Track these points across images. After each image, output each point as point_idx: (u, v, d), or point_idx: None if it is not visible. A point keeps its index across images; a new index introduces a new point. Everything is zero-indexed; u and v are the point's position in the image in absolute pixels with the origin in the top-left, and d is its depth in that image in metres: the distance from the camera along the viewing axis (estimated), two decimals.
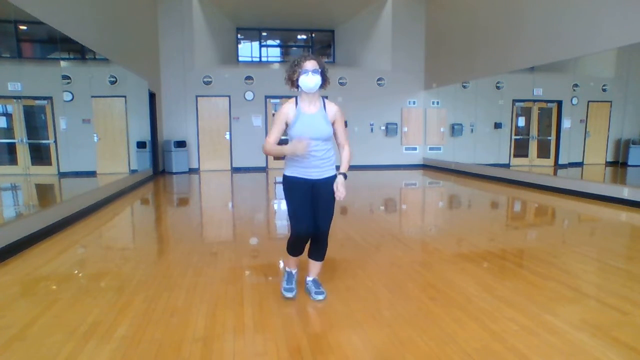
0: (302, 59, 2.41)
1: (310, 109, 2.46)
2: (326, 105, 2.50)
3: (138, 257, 3.70)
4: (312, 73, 2.37)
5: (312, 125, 2.43)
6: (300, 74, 2.39)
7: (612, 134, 7.31)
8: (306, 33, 12.88)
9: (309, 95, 2.44)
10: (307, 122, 2.43)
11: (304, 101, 2.47)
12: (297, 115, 2.44)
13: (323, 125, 2.45)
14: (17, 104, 4.41)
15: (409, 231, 4.71)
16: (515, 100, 8.79)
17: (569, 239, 4.39)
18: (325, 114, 2.47)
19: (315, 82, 2.39)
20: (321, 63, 2.43)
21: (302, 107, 2.46)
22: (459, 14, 10.04)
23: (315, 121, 2.44)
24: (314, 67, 2.38)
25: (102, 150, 6.58)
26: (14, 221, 3.97)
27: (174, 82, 10.77)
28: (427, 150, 11.90)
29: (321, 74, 2.41)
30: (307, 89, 2.41)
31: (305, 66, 2.38)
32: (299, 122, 2.43)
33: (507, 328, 2.24)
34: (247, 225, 5.09)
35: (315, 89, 2.42)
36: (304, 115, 2.44)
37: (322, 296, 2.64)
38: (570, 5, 6.70)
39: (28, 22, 4.53)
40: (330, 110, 2.49)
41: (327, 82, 2.48)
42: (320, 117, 2.45)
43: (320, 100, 2.51)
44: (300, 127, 2.42)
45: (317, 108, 2.47)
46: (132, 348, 2.06)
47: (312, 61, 2.39)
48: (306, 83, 2.39)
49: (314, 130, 2.43)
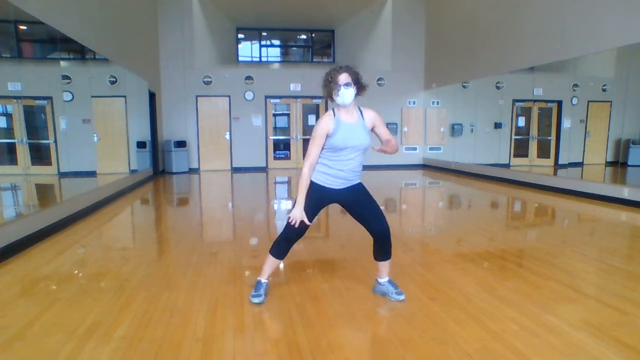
0: (335, 73, 2.40)
1: (350, 118, 2.46)
2: (363, 113, 2.51)
3: (138, 257, 3.70)
4: (344, 87, 2.37)
5: (353, 134, 2.43)
6: (335, 88, 2.39)
7: (612, 134, 7.31)
8: (306, 33, 12.88)
9: (345, 107, 2.45)
10: (348, 131, 2.42)
11: (342, 112, 2.46)
12: (337, 124, 2.42)
13: (363, 134, 2.45)
14: (17, 104, 4.41)
15: (409, 231, 4.71)
16: (515, 100, 8.79)
17: (569, 239, 4.39)
18: (364, 123, 2.48)
19: (348, 96, 2.39)
20: (354, 74, 2.42)
21: (342, 117, 2.45)
22: (459, 13, 10.04)
23: (356, 130, 2.44)
24: (345, 81, 2.38)
25: (102, 150, 6.58)
26: (14, 221, 3.96)
27: (174, 82, 10.77)
28: (427, 150, 11.90)
29: (355, 83, 2.41)
30: (341, 104, 2.42)
31: (338, 80, 2.38)
32: (340, 130, 2.41)
33: (507, 328, 2.24)
34: (247, 225, 5.09)
35: (350, 102, 2.43)
36: (345, 124, 2.43)
37: (402, 296, 2.61)
38: (571, 6, 6.70)
39: (28, 22, 4.53)
40: (368, 117, 2.50)
41: (363, 89, 2.47)
42: (360, 126, 2.46)
43: (357, 110, 2.51)
44: (342, 135, 2.41)
45: (356, 118, 2.47)
46: (132, 348, 2.06)
47: (343, 74, 2.38)
48: (340, 98, 2.40)
49: (355, 138, 2.43)
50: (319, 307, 2.54)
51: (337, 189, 2.52)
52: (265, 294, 2.63)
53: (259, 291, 2.61)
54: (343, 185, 2.52)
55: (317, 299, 2.67)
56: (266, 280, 2.67)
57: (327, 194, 2.52)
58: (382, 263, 2.67)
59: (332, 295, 2.72)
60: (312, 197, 2.50)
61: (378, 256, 2.65)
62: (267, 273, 2.66)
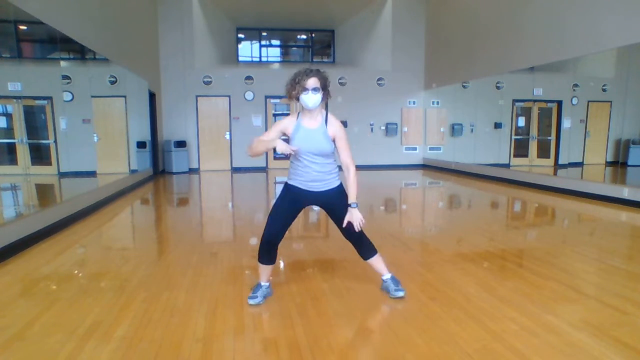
0: (303, 76, 2.36)
1: (311, 124, 2.45)
2: (328, 120, 2.46)
3: (138, 257, 3.70)
4: (312, 92, 2.36)
5: (311, 140, 2.41)
6: (300, 91, 2.37)
7: (612, 134, 7.31)
8: (306, 33, 12.88)
9: (310, 110, 2.43)
10: (306, 136, 2.41)
11: (305, 116, 2.46)
12: (296, 127, 2.44)
13: (322, 140, 2.42)
14: (17, 104, 4.41)
15: (409, 231, 4.71)
16: (515, 100, 8.79)
17: (569, 239, 4.40)
18: (326, 129, 2.44)
19: (314, 101, 2.37)
20: (323, 79, 2.40)
21: (303, 121, 2.45)
22: (459, 14, 10.04)
23: (315, 136, 2.42)
24: (314, 86, 2.35)
25: (102, 150, 6.58)
26: (14, 221, 3.96)
27: (174, 82, 10.77)
28: (427, 150, 11.90)
29: (323, 89, 2.40)
30: (306, 107, 2.41)
31: (306, 84, 2.35)
32: (298, 135, 2.42)
33: (507, 328, 2.24)
34: (247, 225, 5.09)
35: (315, 107, 2.41)
36: (304, 129, 2.43)
37: (401, 293, 2.62)
38: (571, 6, 6.70)
39: (28, 22, 4.53)
40: (331, 126, 2.45)
41: (328, 96, 2.46)
42: (320, 132, 2.43)
43: (322, 115, 2.47)
44: (299, 140, 2.42)
45: (318, 123, 2.45)
46: (132, 348, 2.06)
47: (313, 78, 2.36)
48: (305, 102, 2.38)
49: (313, 145, 2.41)
50: (319, 307, 2.54)
51: (311, 191, 2.51)
52: (264, 296, 2.63)
53: (255, 293, 2.61)
54: (318, 188, 2.51)
55: (317, 299, 2.67)
56: (266, 282, 2.67)
57: (302, 195, 2.53)
58: (370, 261, 2.68)
59: (332, 295, 2.72)
60: (286, 197, 2.53)
61: (362, 255, 2.68)
62: (264, 277, 2.66)
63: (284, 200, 2.54)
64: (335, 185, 2.55)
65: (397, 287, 2.64)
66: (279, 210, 2.53)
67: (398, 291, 2.63)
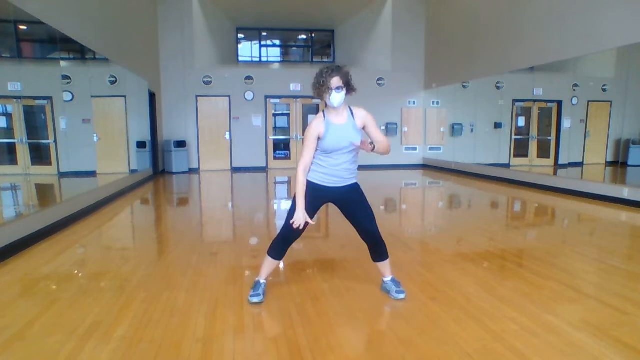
0: (326, 76, 2.40)
1: (339, 120, 2.48)
2: (354, 113, 2.52)
3: (138, 257, 3.70)
4: (336, 91, 2.40)
5: (343, 135, 2.45)
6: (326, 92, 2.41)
7: (612, 134, 7.31)
8: (306, 33, 12.88)
9: (335, 108, 2.47)
10: (337, 132, 2.45)
11: (332, 114, 2.49)
12: (326, 127, 2.45)
13: (353, 134, 2.47)
14: (17, 104, 4.41)
15: (409, 231, 4.71)
16: (515, 100, 8.79)
17: (569, 239, 4.39)
18: (354, 122, 2.49)
19: (339, 99, 2.42)
20: (344, 76, 2.44)
21: (331, 119, 2.48)
22: (459, 14, 10.04)
23: (346, 131, 2.46)
24: (337, 85, 2.40)
25: (102, 150, 6.58)
26: (14, 221, 3.96)
27: (174, 82, 10.77)
28: (427, 150, 11.90)
29: (346, 85, 2.44)
30: (332, 106, 2.45)
31: (330, 84, 2.39)
32: (329, 133, 2.44)
33: (507, 328, 2.24)
34: (247, 225, 5.09)
35: (341, 105, 2.46)
36: (334, 126, 2.46)
37: (402, 295, 2.63)
38: (571, 5, 6.70)
39: (28, 22, 4.53)
40: (358, 117, 2.51)
41: (353, 90, 2.50)
42: (349, 126, 2.48)
43: (347, 110, 2.53)
44: (331, 137, 2.44)
45: (346, 118, 2.49)
46: (132, 348, 2.06)
47: (335, 78, 2.40)
48: (332, 102, 2.42)
49: (346, 139, 2.45)
50: (319, 307, 2.54)
51: (333, 187, 2.54)
52: (263, 293, 2.63)
53: (257, 291, 2.61)
54: (338, 183, 2.55)
55: (317, 299, 2.67)
56: (265, 280, 2.67)
57: (324, 192, 2.55)
58: (380, 264, 2.70)
59: (332, 295, 2.72)
60: (310, 195, 2.52)
61: (374, 257, 2.70)
62: (266, 274, 2.67)
63: (307, 197, 2.52)
64: (353, 182, 2.60)
65: (399, 289, 2.65)
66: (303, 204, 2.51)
67: (399, 293, 2.64)
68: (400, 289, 2.65)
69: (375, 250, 2.67)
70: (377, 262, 2.70)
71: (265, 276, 2.67)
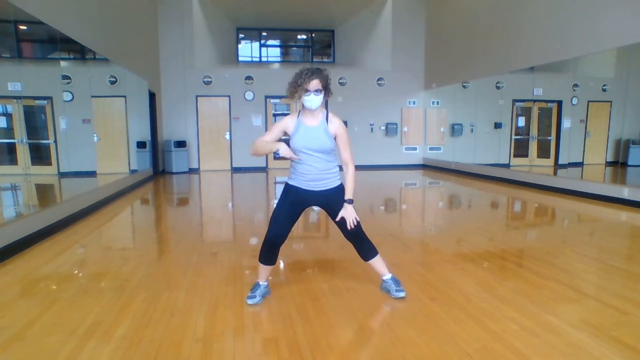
0: (305, 78, 2.37)
1: (312, 122, 2.47)
2: (329, 119, 2.49)
3: (138, 257, 3.70)
4: (314, 93, 2.37)
5: (312, 137, 2.43)
6: (302, 93, 2.38)
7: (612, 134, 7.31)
8: (306, 33, 12.88)
9: (311, 110, 2.45)
10: (307, 134, 2.44)
11: (306, 115, 2.48)
12: (297, 125, 2.46)
13: (323, 137, 2.44)
14: (17, 104, 4.41)
15: (409, 231, 4.71)
16: (515, 100, 8.79)
17: (569, 239, 4.39)
18: (327, 127, 2.46)
19: (317, 102, 2.40)
20: (324, 79, 2.41)
21: (304, 119, 2.47)
22: (459, 13, 10.04)
23: (316, 133, 2.44)
24: (316, 87, 2.37)
25: (102, 150, 6.58)
26: (14, 221, 3.96)
27: (174, 82, 10.77)
28: (427, 150, 11.90)
29: (324, 89, 2.41)
30: (309, 108, 2.43)
31: (308, 86, 2.36)
32: (299, 132, 2.44)
33: (507, 328, 2.24)
34: (247, 225, 5.09)
35: (318, 107, 2.43)
36: (305, 127, 2.45)
37: (402, 293, 2.63)
38: (571, 5, 6.70)
39: (28, 22, 4.53)
40: (332, 124, 2.48)
41: (329, 94, 2.47)
42: (321, 130, 2.45)
43: (322, 113, 2.50)
44: (300, 137, 2.44)
45: (319, 121, 2.47)
46: (132, 348, 2.06)
47: (314, 81, 2.36)
48: (308, 103, 2.40)
49: (314, 142, 2.43)
50: (319, 307, 2.54)
51: (312, 191, 2.52)
52: (262, 295, 2.63)
53: (254, 292, 2.61)
54: (316, 187, 2.52)
55: (317, 299, 2.67)
56: (264, 282, 2.67)
57: (302, 195, 2.54)
58: (371, 262, 2.69)
59: (332, 295, 2.72)
60: (288, 198, 2.53)
61: (363, 257, 2.69)
62: (264, 277, 2.66)
63: (285, 200, 2.55)
64: (336, 185, 2.56)
65: (398, 288, 2.65)
66: (281, 211, 2.53)
67: (399, 292, 2.63)
68: (400, 288, 2.65)
69: (360, 249, 2.66)
70: (368, 260, 2.69)
71: (263, 279, 2.66)
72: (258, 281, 2.67)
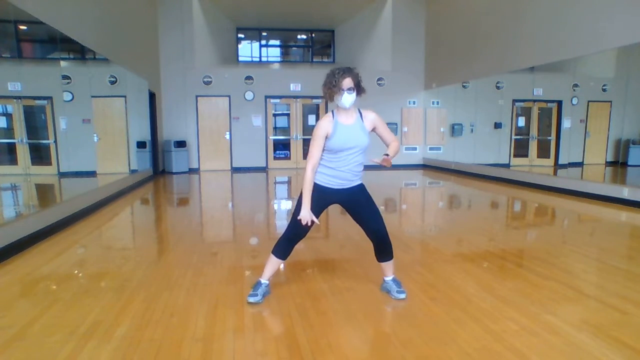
0: (338, 77, 2.40)
1: (348, 120, 2.49)
2: (363, 115, 2.53)
3: (138, 257, 3.70)
4: (347, 92, 2.40)
5: (350, 136, 2.46)
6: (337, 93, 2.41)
7: (612, 134, 7.31)
8: (306, 33, 12.88)
9: (345, 109, 2.47)
10: (345, 133, 2.46)
11: (341, 114, 2.50)
12: (335, 126, 2.46)
13: (361, 135, 2.48)
14: (17, 104, 4.41)
15: (409, 231, 4.71)
16: (515, 100, 8.79)
17: (569, 239, 4.39)
18: (363, 124, 2.51)
19: (350, 100, 2.44)
20: (355, 77, 2.44)
21: (340, 119, 2.49)
22: (459, 14, 10.04)
23: (354, 132, 2.48)
24: (349, 86, 2.40)
25: (102, 150, 6.58)
26: (14, 221, 3.96)
27: (174, 82, 10.77)
28: (427, 150, 11.90)
29: (356, 87, 2.44)
30: (343, 107, 2.46)
31: (341, 85, 2.40)
32: (337, 133, 2.45)
33: (507, 328, 2.24)
34: (247, 225, 5.09)
35: (352, 105, 2.47)
36: (342, 126, 2.47)
37: (403, 295, 2.64)
38: (571, 6, 6.70)
39: (28, 22, 4.53)
40: (367, 119, 2.53)
41: (363, 91, 2.51)
42: (357, 127, 2.49)
43: (356, 111, 2.54)
44: (339, 137, 2.45)
45: (354, 119, 2.51)
46: (132, 348, 2.06)
47: (347, 79, 2.40)
48: (343, 102, 2.43)
49: (352, 140, 2.47)
50: (319, 307, 2.54)
51: (338, 189, 2.55)
52: (263, 294, 2.63)
53: (256, 291, 2.61)
54: (344, 185, 2.55)
55: (317, 299, 2.67)
56: (266, 281, 2.67)
57: (329, 194, 2.55)
58: (384, 263, 2.70)
59: (332, 295, 2.72)
60: (314, 197, 2.52)
61: (379, 257, 2.70)
62: (269, 274, 2.66)
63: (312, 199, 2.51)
64: (358, 184, 2.62)
65: (399, 289, 2.66)
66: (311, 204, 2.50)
67: (400, 293, 2.64)
68: (400, 289, 2.66)
69: (381, 249, 2.66)
70: (382, 261, 2.70)
71: (267, 276, 2.66)
72: (260, 279, 2.67)
